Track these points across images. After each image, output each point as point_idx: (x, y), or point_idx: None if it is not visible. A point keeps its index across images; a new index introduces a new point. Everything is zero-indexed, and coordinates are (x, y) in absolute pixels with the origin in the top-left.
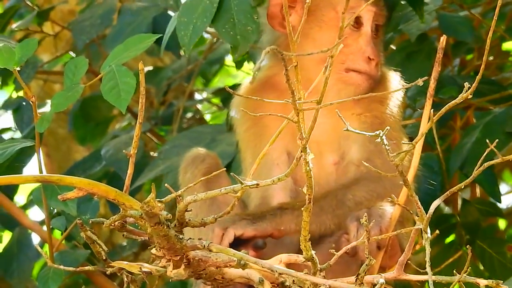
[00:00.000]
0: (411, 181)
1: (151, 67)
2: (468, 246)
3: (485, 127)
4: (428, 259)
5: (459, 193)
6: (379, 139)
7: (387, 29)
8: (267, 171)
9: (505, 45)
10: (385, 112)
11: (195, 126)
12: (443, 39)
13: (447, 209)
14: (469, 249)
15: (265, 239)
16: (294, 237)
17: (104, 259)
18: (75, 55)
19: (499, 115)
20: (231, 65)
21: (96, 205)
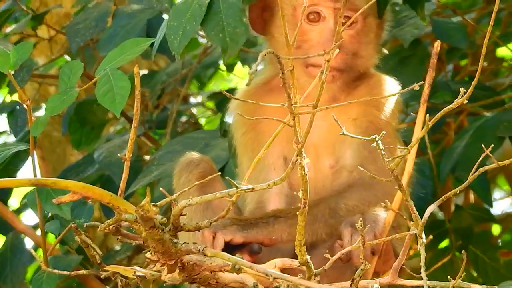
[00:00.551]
0: (406, 186)
1: (146, 71)
2: (462, 251)
3: (476, 131)
4: (423, 264)
5: (452, 199)
6: (375, 144)
7: None
8: (264, 176)
9: (499, 51)
10: (380, 117)
11: (190, 130)
12: (437, 44)
13: (440, 214)
14: (463, 254)
15: (260, 245)
16: (289, 243)
17: (98, 263)
18: (70, 58)
19: (491, 119)
20: (225, 69)
21: (90, 209)
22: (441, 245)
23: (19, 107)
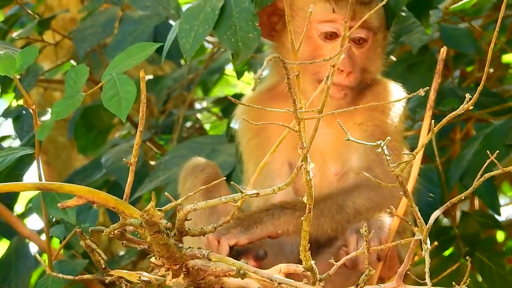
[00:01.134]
0: (411, 192)
1: (152, 76)
2: (467, 257)
3: (485, 139)
4: (427, 270)
5: (458, 205)
6: (380, 149)
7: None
8: (269, 182)
9: (506, 57)
10: (386, 121)
11: (195, 135)
12: (443, 50)
13: (446, 221)
14: (468, 260)
15: (265, 250)
16: (294, 247)
17: (103, 267)
18: (76, 63)
19: (499, 127)
20: (231, 74)
21: (95, 214)
22: (447, 252)
23: (25, 112)
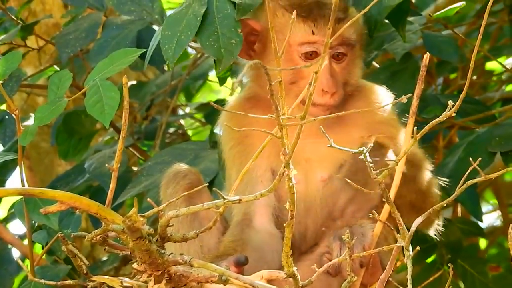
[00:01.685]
0: (393, 198)
1: (135, 82)
2: (450, 265)
3: (468, 146)
4: (409, 276)
5: (440, 212)
6: (363, 156)
7: (371, 48)
8: (251, 189)
9: (489, 65)
10: (390, 130)
11: (178, 141)
12: (426, 56)
13: None
14: (450, 267)
15: (246, 256)
16: (275, 253)
17: (85, 273)
18: (59, 68)
19: (482, 134)
20: (214, 80)
21: (78, 219)
22: (429, 259)
23: (7, 117)
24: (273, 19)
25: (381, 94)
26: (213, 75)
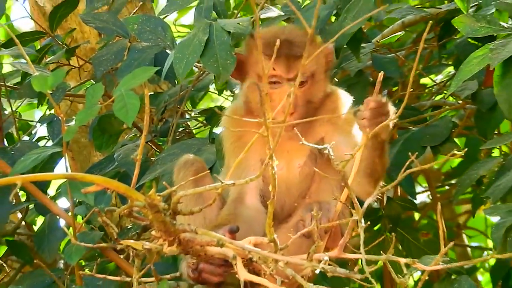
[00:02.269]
0: (351, 184)
1: (152, 92)
2: (392, 233)
3: (405, 141)
4: (362, 242)
5: (385, 192)
6: (327, 151)
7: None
8: (245, 174)
9: (422, 80)
10: (347, 127)
11: (185, 138)
12: (381, 74)
13: (376, 204)
14: (393, 236)
15: (238, 226)
16: (261, 224)
17: (115, 238)
18: (94, 82)
19: (416, 132)
20: (213, 92)
21: (109, 197)
22: (376, 228)
23: (55, 119)
24: (251, 54)
25: (344, 97)
26: (213, 87)
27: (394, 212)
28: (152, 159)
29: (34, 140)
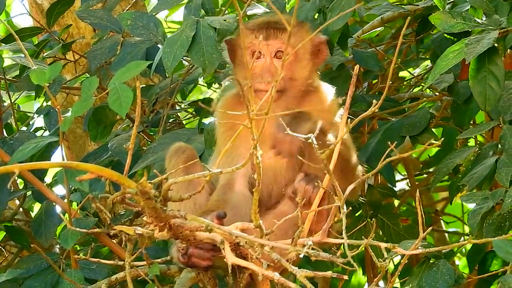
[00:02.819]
0: (332, 171)
1: (144, 85)
2: (373, 219)
3: (385, 132)
4: (344, 227)
5: (366, 180)
6: (310, 140)
7: None
8: (235, 162)
9: (401, 73)
10: (330, 116)
11: (176, 129)
12: (357, 68)
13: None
14: (374, 221)
15: (225, 212)
16: (247, 210)
17: (108, 224)
18: (89, 75)
19: (396, 123)
20: (202, 84)
21: (103, 185)
22: (357, 214)
23: (52, 110)
24: (239, 36)
25: (328, 91)
26: (202, 80)
27: (374, 198)
28: (144, 148)
29: (32, 130)
